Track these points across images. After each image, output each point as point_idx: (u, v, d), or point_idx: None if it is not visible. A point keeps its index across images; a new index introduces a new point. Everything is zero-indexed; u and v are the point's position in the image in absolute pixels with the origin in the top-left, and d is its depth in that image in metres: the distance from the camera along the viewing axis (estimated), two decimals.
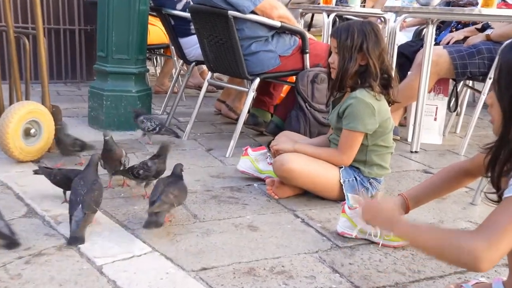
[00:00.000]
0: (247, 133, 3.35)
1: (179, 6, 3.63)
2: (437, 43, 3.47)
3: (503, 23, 3.23)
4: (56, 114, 2.66)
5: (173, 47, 4.02)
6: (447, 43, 3.48)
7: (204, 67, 4.65)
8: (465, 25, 3.69)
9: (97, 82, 3.34)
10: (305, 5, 4.09)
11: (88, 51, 5.11)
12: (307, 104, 2.77)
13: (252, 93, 2.91)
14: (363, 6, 4.20)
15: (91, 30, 5.03)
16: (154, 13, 3.67)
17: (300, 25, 3.65)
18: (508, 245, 1.11)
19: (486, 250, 1.09)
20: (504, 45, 1.22)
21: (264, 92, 3.31)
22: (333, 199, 2.22)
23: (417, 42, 3.71)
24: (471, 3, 3.08)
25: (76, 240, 1.69)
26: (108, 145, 2.24)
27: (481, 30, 3.47)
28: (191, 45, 3.55)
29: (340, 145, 2.19)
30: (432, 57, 3.10)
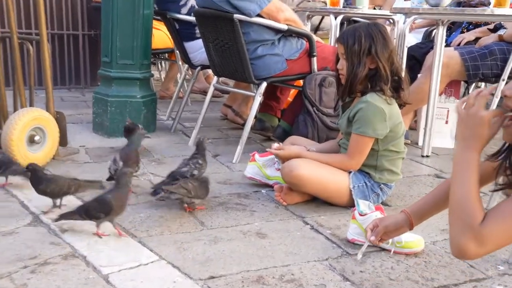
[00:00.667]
0: (254, 138, 3.36)
1: (184, 10, 3.65)
2: (447, 45, 3.46)
3: None
4: (60, 121, 2.67)
5: (178, 51, 4.04)
6: (458, 44, 3.46)
7: (210, 71, 4.65)
8: (476, 25, 3.67)
9: (101, 88, 3.36)
10: (312, 7, 4.10)
11: (92, 56, 5.14)
12: (315, 108, 2.77)
13: (259, 98, 2.91)
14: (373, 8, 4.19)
15: (95, 35, 5.06)
16: (158, 17, 3.69)
17: (307, 27, 3.65)
18: (497, 247, 1.16)
19: (474, 251, 1.14)
20: None
21: (271, 96, 3.32)
22: (343, 205, 2.22)
23: (427, 43, 3.70)
24: (483, 3, 3.07)
25: (56, 219, 1.86)
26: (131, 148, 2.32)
27: (494, 30, 3.45)
28: (196, 49, 3.56)
29: (349, 149, 2.19)
30: (443, 59, 3.08)
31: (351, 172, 2.20)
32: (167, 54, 4.58)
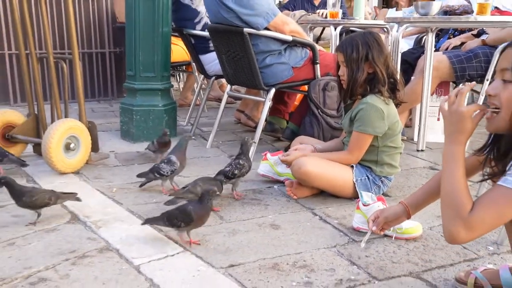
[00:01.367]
0: (265, 139, 3.35)
1: (199, 26, 3.66)
2: (436, 49, 3.44)
3: (497, 28, 3.20)
4: (92, 129, 2.69)
5: (194, 63, 4.04)
6: (446, 49, 3.44)
7: (223, 80, 4.67)
8: (461, 32, 3.66)
9: (127, 99, 3.37)
10: (314, 20, 4.08)
11: (117, 71, 5.17)
12: (319, 110, 2.76)
13: (268, 103, 2.91)
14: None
15: (120, 52, 5.09)
16: (176, 34, 3.69)
17: (310, 38, 3.64)
18: (485, 232, 1.15)
19: (465, 237, 1.13)
20: None
21: (279, 101, 3.31)
22: (348, 197, 2.20)
23: (418, 49, 3.68)
24: (467, 11, 3.04)
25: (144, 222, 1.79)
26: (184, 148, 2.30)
27: (477, 35, 3.43)
28: (211, 61, 3.57)
29: (350, 145, 2.18)
30: (433, 62, 3.07)
31: (353, 166, 2.19)
32: (184, 66, 4.59)
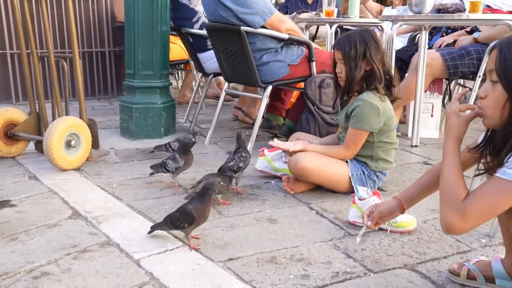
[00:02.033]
0: (262, 136, 3.35)
1: (197, 25, 3.65)
2: (430, 47, 3.44)
3: (489, 26, 3.20)
4: (92, 127, 2.68)
5: (192, 62, 4.03)
6: (439, 47, 3.44)
7: (221, 78, 4.65)
8: (454, 29, 3.66)
9: (126, 97, 3.36)
10: (309, 18, 4.07)
11: (117, 69, 5.15)
12: (315, 107, 2.75)
13: (265, 100, 2.90)
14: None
15: (119, 51, 5.07)
16: (174, 33, 3.68)
17: (306, 36, 3.63)
18: (479, 221, 1.16)
19: (459, 225, 1.14)
20: (502, 38, 1.18)
21: (276, 98, 3.31)
22: (344, 192, 2.20)
23: (412, 47, 3.68)
24: (459, 9, 3.04)
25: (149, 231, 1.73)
26: (189, 148, 2.26)
27: (470, 32, 3.43)
28: (209, 59, 3.56)
29: (346, 141, 2.17)
30: (427, 60, 3.07)
31: (347, 161, 2.19)
32: (183, 65, 4.57)
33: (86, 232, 1.79)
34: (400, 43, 4.04)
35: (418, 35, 3.31)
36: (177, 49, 4.15)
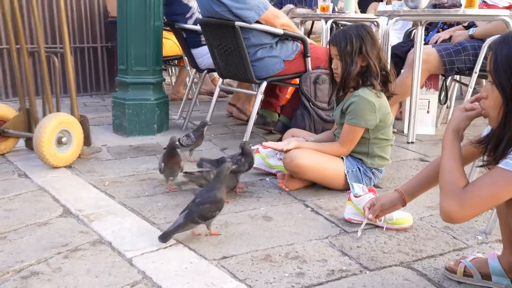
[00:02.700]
0: (257, 132, 3.34)
1: (190, 21, 3.63)
2: (426, 43, 3.44)
3: (484, 22, 3.20)
4: (84, 123, 2.66)
5: (186, 57, 4.02)
6: (435, 42, 3.44)
7: (215, 74, 4.64)
8: (450, 25, 3.67)
9: (119, 93, 3.34)
10: (305, 14, 4.06)
11: (109, 65, 5.12)
12: (310, 103, 2.75)
13: (260, 96, 2.89)
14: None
15: (111, 46, 5.04)
16: (167, 28, 3.66)
17: (301, 32, 3.62)
18: (478, 211, 1.17)
19: (457, 212, 1.15)
20: (496, 38, 1.19)
21: (271, 94, 3.30)
22: (339, 189, 2.20)
23: (408, 42, 3.68)
24: (455, 4, 3.04)
25: (162, 237, 1.64)
26: (172, 149, 2.17)
27: (467, 27, 3.43)
28: (203, 55, 3.54)
29: (342, 138, 2.17)
30: (423, 55, 3.07)
31: (343, 158, 2.18)
32: (176, 61, 4.55)
33: (77, 230, 1.78)
34: (396, 38, 4.04)
35: (414, 31, 3.31)
36: (171, 45, 4.13)
